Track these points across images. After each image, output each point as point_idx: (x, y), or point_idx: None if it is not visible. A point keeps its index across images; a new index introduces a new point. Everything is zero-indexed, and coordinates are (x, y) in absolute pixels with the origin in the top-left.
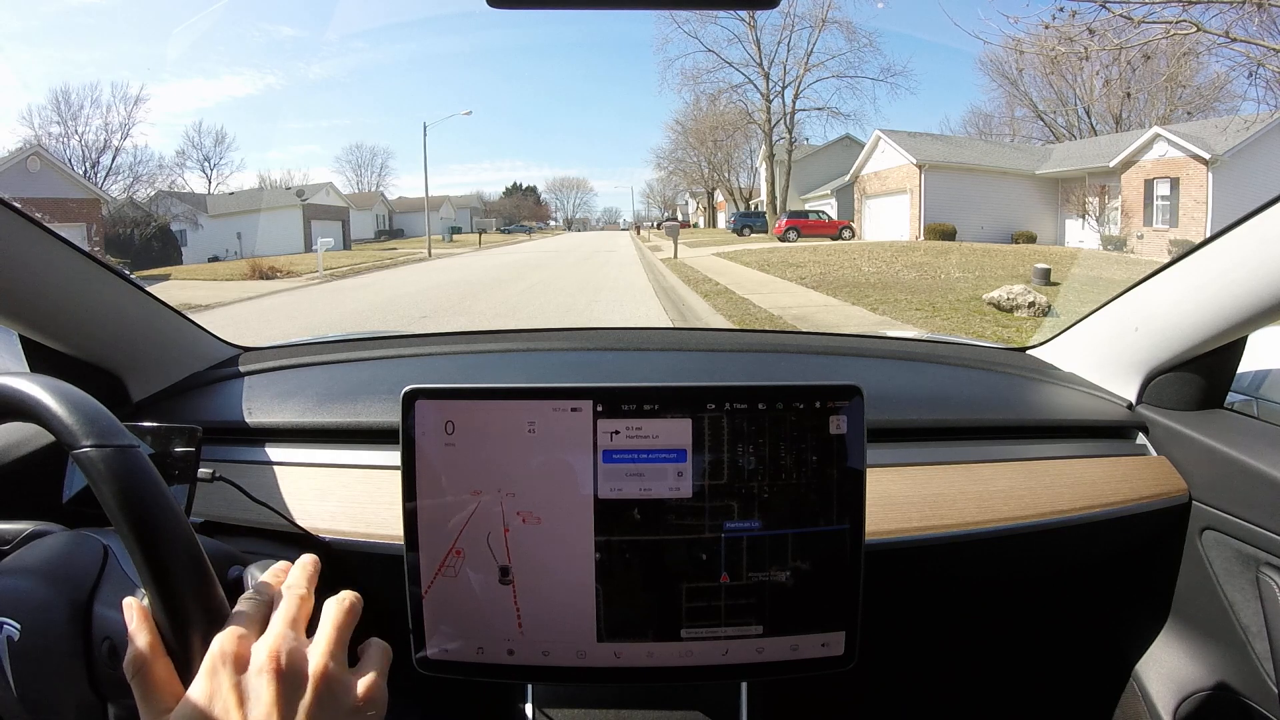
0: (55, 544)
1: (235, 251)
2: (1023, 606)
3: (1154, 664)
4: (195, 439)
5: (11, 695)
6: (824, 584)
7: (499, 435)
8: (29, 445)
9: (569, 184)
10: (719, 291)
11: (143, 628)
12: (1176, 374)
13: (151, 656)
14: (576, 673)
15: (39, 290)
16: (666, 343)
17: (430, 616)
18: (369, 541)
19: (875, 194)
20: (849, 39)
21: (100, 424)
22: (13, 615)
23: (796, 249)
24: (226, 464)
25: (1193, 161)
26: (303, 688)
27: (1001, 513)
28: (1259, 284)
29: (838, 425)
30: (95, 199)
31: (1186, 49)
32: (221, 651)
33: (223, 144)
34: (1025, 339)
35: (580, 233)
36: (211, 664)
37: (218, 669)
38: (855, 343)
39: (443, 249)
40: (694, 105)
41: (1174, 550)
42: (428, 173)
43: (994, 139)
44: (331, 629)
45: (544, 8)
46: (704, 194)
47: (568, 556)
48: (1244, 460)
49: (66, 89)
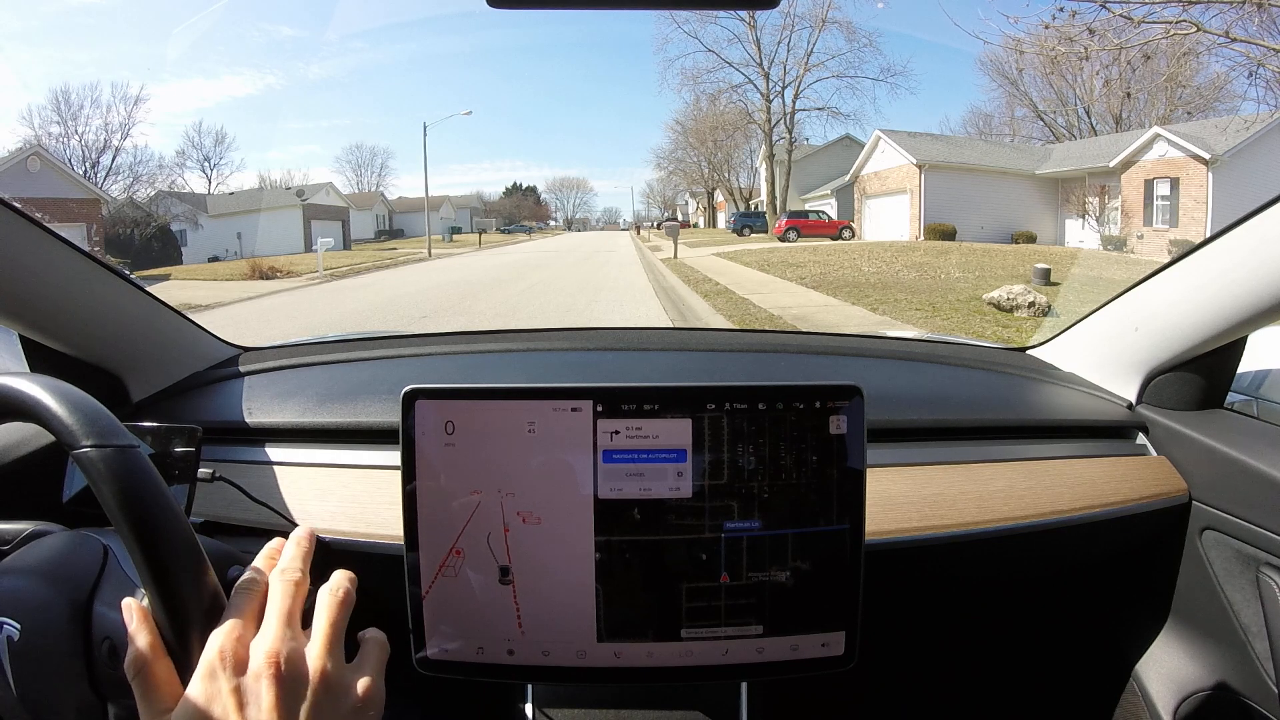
0: (55, 544)
1: (235, 251)
2: (1023, 606)
3: (1154, 664)
4: (195, 439)
5: (11, 695)
6: (824, 584)
7: (499, 435)
8: (29, 445)
9: (569, 184)
10: (719, 291)
11: (143, 628)
12: (1176, 374)
13: (152, 657)
14: (576, 673)
15: (39, 290)
16: (666, 343)
17: (430, 616)
18: (369, 541)
19: (875, 194)
20: (849, 39)
21: (100, 424)
22: (13, 615)
23: (796, 249)
24: (226, 464)
25: (1193, 161)
26: (302, 690)
27: (1001, 513)
28: (1259, 284)
29: (838, 425)
30: (95, 199)
31: (1186, 49)
32: (220, 652)
33: (223, 144)
34: (1025, 339)
35: (580, 233)
36: (210, 665)
37: (216, 671)
38: (855, 343)
39: (443, 249)
40: (694, 105)
41: (1174, 550)
42: (428, 173)
43: (994, 139)
44: (327, 625)
45: (544, 8)
46: (704, 194)
47: (568, 556)
48: (1244, 460)
49: (66, 89)
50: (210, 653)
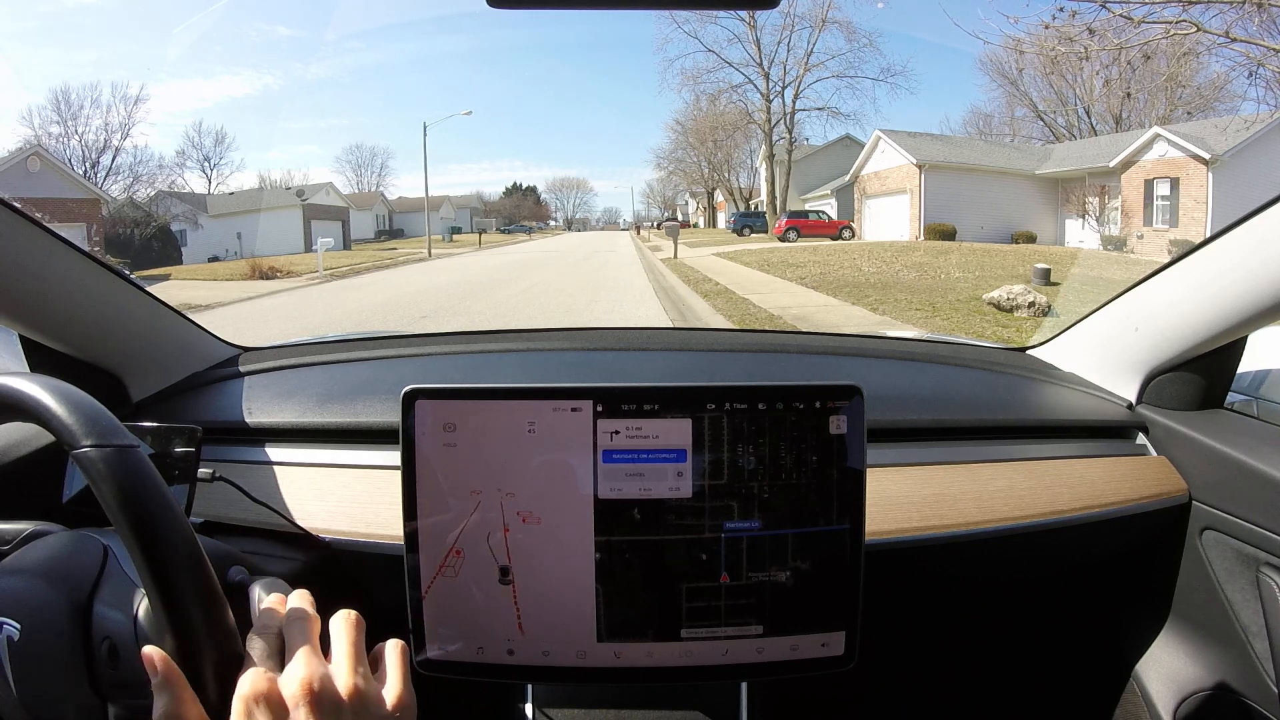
0: (55, 544)
1: (235, 251)
2: (1023, 606)
3: (1154, 664)
4: (195, 439)
5: (11, 695)
6: (824, 584)
7: (499, 435)
8: (29, 445)
9: (569, 184)
10: (719, 291)
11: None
12: (1176, 374)
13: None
14: (576, 673)
15: (39, 290)
16: (666, 343)
17: (430, 617)
18: (369, 541)
19: (875, 194)
20: (849, 39)
21: (100, 424)
22: (13, 615)
23: (796, 249)
24: (226, 464)
25: (1193, 161)
26: (340, 712)
27: (1001, 513)
28: (1259, 284)
29: (838, 425)
30: (95, 199)
31: (1186, 49)
32: (254, 693)
33: (223, 144)
34: (1025, 339)
35: (580, 233)
36: (245, 707)
37: (253, 711)
38: (855, 343)
39: (443, 249)
40: (694, 105)
41: (1174, 550)
42: (428, 173)
43: (994, 139)
44: (349, 645)
45: (544, 8)
46: (704, 194)
47: (568, 556)
48: (1244, 460)
49: (66, 89)
50: (244, 694)
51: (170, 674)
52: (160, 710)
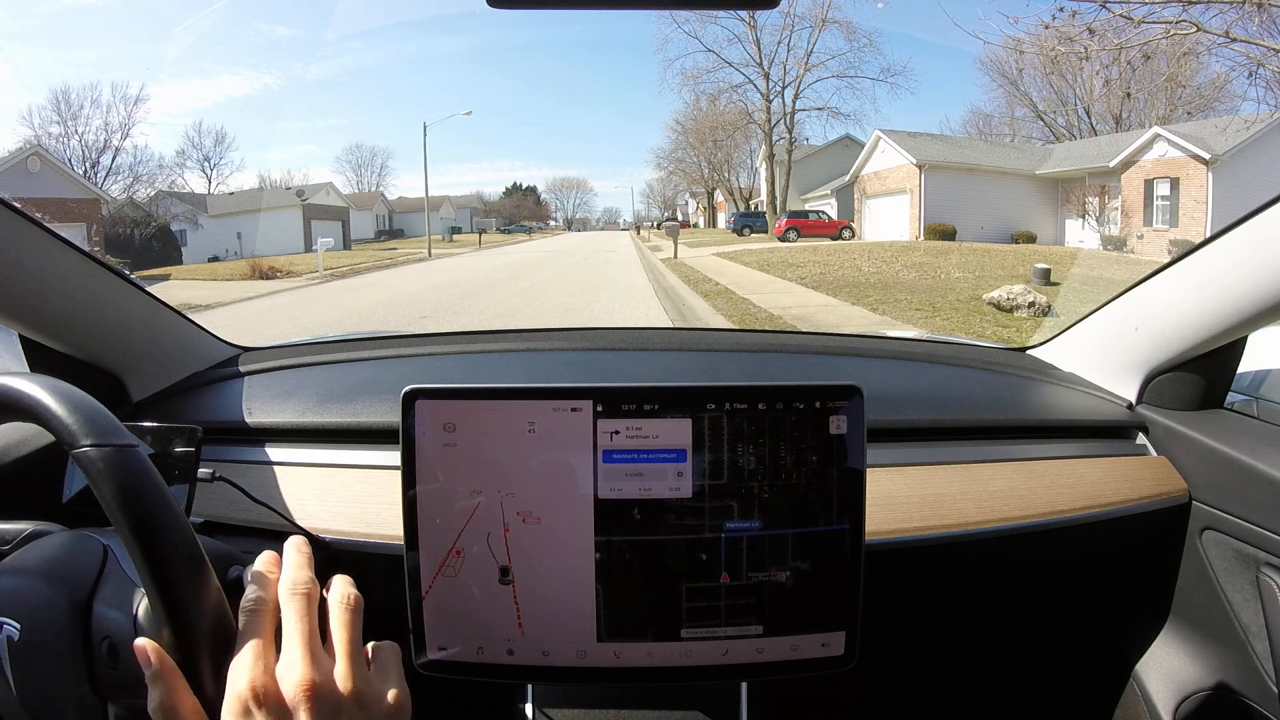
0: (55, 544)
1: (235, 251)
2: (1023, 606)
3: (1154, 664)
4: (195, 439)
5: (11, 695)
6: (824, 584)
7: (499, 435)
8: (29, 445)
9: (569, 184)
10: (719, 291)
11: (162, 672)
12: (1176, 374)
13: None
14: (576, 673)
15: (39, 290)
16: (666, 343)
17: (430, 617)
18: (369, 541)
19: (875, 194)
20: (849, 39)
21: (100, 423)
22: (13, 615)
23: (796, 249)
24: (226, 464)
25: (1193, 161)
26: (339, 712)
27: (1001, 513)
28: (1259, 284)
29: (838, 425)
30: (95, 199)
31: (1186, 49)
32: (251, 689)
33: (223, 144)
34: (1025, 339)
35: (580, 233)
36: (242, 704)
37: (251, 710)
38: (855, 343)
39: (443, 249)
40: (694, 105)
41: (1174, 550)
42: (428, 173)
43: (994, 139)
44: (348, 642)
45: (544, 8)
46: (704, 194)
47: (568, 556)
48: (1244, 460)
49: (66, 89)
50: (240, 688)
51: (164, 665)
52: (155, 701)
